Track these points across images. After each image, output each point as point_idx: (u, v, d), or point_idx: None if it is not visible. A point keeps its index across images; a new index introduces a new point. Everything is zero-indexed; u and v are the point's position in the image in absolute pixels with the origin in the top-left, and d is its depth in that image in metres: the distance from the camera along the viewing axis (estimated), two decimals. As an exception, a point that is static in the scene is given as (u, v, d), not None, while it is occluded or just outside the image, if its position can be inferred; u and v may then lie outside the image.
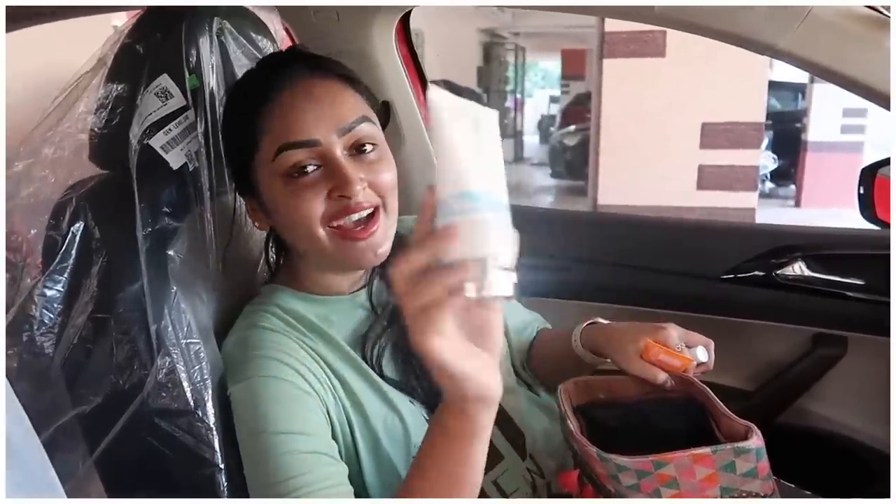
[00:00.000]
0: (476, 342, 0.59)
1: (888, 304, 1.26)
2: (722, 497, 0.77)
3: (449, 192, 0.53)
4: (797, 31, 1.01)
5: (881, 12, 0.99)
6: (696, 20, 1.05)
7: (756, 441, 0.76)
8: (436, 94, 0.54)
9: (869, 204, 1.49)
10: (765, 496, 0.78)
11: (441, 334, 0.55)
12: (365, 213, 0.79)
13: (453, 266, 0.53)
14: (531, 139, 13.73)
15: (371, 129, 0.81)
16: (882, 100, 1.03)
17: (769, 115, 6.94)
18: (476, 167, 0.54)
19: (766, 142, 7.49)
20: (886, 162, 1.53)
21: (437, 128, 0.53)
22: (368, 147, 0.80)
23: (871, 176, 1.51)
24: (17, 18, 0.87)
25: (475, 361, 0.58)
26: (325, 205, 0.77)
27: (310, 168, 0.77)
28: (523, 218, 0.56)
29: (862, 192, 1.50)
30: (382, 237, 0.80)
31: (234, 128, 0.84)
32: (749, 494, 0.77)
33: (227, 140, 0.86)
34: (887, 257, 1.29)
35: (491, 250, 0.53)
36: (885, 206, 1.48)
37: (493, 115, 0.57)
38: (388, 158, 0.82)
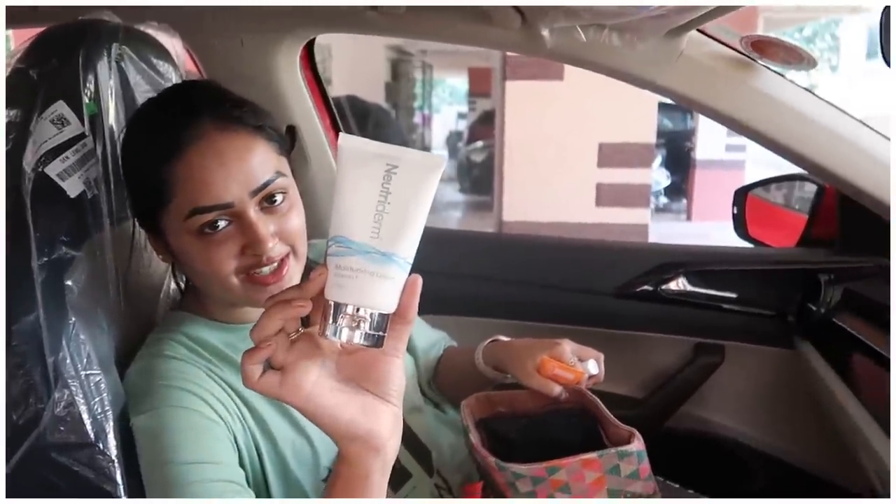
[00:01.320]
0: (364, 386, 0.60)
1: (759, 315, 1.40)
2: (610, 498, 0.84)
3: (329, 235, 0.54)
4: (672, 68, 1.12)
5: (746, 55, 1.11)
6: (585, 56, 1.13)
7: (637, 444, 0.83)
8: (345, 139, 0.53)
9: (742, 223, 1.64)
10: (647, 496, 0.85)
11: (284, 371, 0.56)
12: (276, 265, 0.79)
13: (291, 302, 0.55)
14: (439, 154, 13.91)
15: (283, 182, 0.80)
16: (749, 133, 1.15)
17: (662, 134, 7.37)
18: (360, 214, 0.53)
19: (659, 159, 7.95)
20: (757, 184, 1.69)
21: (339, 172, 0.54)
22: (279, 198, 0.79)
23: (744, 197, 1.67)
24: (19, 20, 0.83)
25: (350, 406, 0.58)
26: (237, 260, 0.77)
27: (221, 224, 0.76)
28: (432, 239, 0.57)
29: (735, 212, 1.65)
30: (290, 279, 0.80)
31: (139, 175, 0.81)
32: (634, 495, 0.84)
33: (130, 183, 0.84)
34: (757, 272, 1.42)
35: (350, 297, 0.53)
36: (756, 225, 1.63)
37: (426, 162, 0.54)
38: (296, 204, 0.82)
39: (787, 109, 1.10)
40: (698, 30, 1.09)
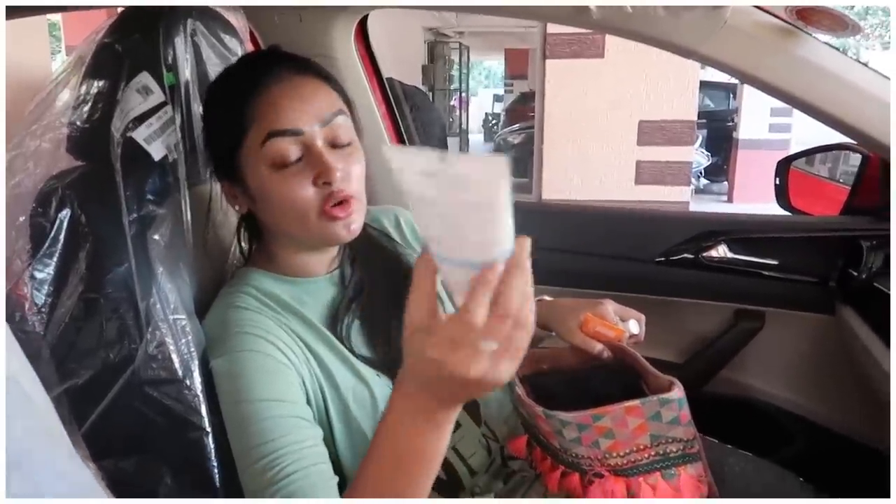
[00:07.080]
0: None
1: (800, 281, 1.41)
2: (651, 444, 0.88)
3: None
4: (716, 38, 1.14)
5: (791, 24, 1.13)
6: (630, 27, 1.16)
7: (678, 392, 0.87)
8: (389, 151, 0.48)
9: (784, 193, 1.66)
10: (687, 440, 0.89)
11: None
12: (342, 199, 0.87)
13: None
14: (476, 137, 13.93)
15: (346, 122, 0.90)
16: (792, 101, 1.17)
17: (703, 115, 7.23)
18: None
19: (699, 140, 7.82)
20: (799, 155, 1.70)
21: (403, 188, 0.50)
22: (344, 141, 0.89)
23: (786, 168, 1.68)
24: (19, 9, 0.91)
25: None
26: (311, 190, 0.86)
27: (294, 157, 0.85)
28: None
29: (778, 182, 1.66)
30: (355, 217, 0.89)
31: (222, 115, 0.90)
32: (674, 440, 0.89)
33: (213, 127, 0.92)
34: (798, 240, 1.44)
35: None
36: (798, 195, 1.64)
37: (486, 166, 0.46)
38: (360, 152, 0.91)
39: (833, 78, 1.11)
40: (743, -1, 1.11)
